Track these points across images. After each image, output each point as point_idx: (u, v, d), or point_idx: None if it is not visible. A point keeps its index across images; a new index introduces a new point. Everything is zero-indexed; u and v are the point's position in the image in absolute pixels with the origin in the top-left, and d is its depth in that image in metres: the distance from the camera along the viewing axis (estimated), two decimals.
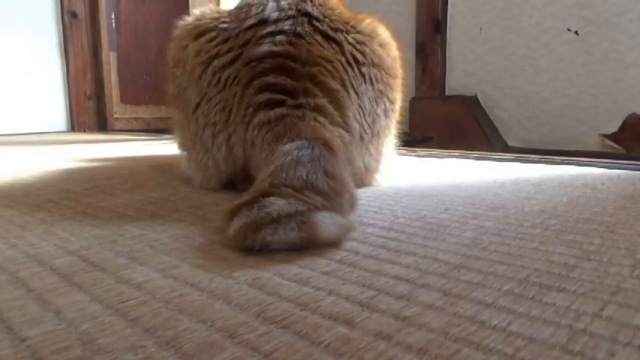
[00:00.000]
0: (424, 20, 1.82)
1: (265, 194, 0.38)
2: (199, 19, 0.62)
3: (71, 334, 0.24)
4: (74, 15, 2.06)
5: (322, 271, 0.33)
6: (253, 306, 0.27)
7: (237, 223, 0.37)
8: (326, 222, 0.37)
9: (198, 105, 0.56)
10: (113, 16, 2.15)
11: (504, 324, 0.25)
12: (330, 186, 0.41)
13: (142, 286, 0.30)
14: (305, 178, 0.40)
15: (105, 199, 0.57)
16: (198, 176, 0.62)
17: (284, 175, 0.40)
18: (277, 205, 0.36)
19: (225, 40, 0.56)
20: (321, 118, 0.52)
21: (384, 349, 0.23)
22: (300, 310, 0.27)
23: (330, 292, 0.29)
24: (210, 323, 0.25)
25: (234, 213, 0.38)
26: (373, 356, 0.22)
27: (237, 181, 0.60)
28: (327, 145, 0.46)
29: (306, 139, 0.46)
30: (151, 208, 0.53)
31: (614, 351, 0.22)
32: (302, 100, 0.52)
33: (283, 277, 0.32)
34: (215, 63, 0.55)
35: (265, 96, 0.52)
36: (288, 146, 0.44)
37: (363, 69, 0.58)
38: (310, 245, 0.37)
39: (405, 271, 0.33)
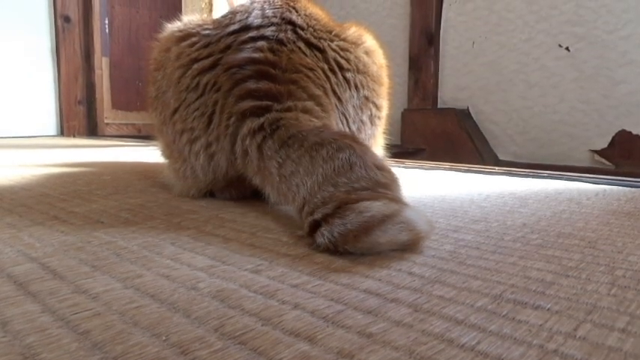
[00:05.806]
0: (417, 33, 1.83)
1: (349, 201, 0.37)
2: (185, 24, 0.61)
3: (14, 348, 0.23)
4: (67, 19, 2.06)
5: (291, 283, 0.32)
6: (213, 319, 0.26)
7: (337, 229, 0.36)
8: (417, 220, 0.37)
9: (176, 110, 0.55)
10: (107, 22, 2.14)
11: (473, 342, 0.24)
12: (387, 177, 0.41)
13: (100, 296, 0.29)
14: (367, 176, 0.40)
15: (80, 205, 0.56)
16: (177, 185, 0.60)
17: (345, 180, 0.40)
18: (376, 207, 0.36)
19: (206, 45, 0.55)
20: (314, 120, 0.50)
21: None
22: (262, 325, 0.25)
23: (296, 306, 0.28)
24: (164, 338, 0.24)
25: (315, 227, 0.38)
26: None
27: (216, 190, 0.59)
28: (355, 140, 0.45)
29: (334, 138, 0.43)
30: (125, 214, 0.51)
31: None
32: (290, 103, 0.50)
33: (250, 289, 0.30)
34: (195, 67, 0.54)
35: (248, 103, 0.51)
36: (324, 151, 0.42)
37: (348, 75, 0.57)
38: (415, 244, 0.38)
39: (376, 284, 0.31)
